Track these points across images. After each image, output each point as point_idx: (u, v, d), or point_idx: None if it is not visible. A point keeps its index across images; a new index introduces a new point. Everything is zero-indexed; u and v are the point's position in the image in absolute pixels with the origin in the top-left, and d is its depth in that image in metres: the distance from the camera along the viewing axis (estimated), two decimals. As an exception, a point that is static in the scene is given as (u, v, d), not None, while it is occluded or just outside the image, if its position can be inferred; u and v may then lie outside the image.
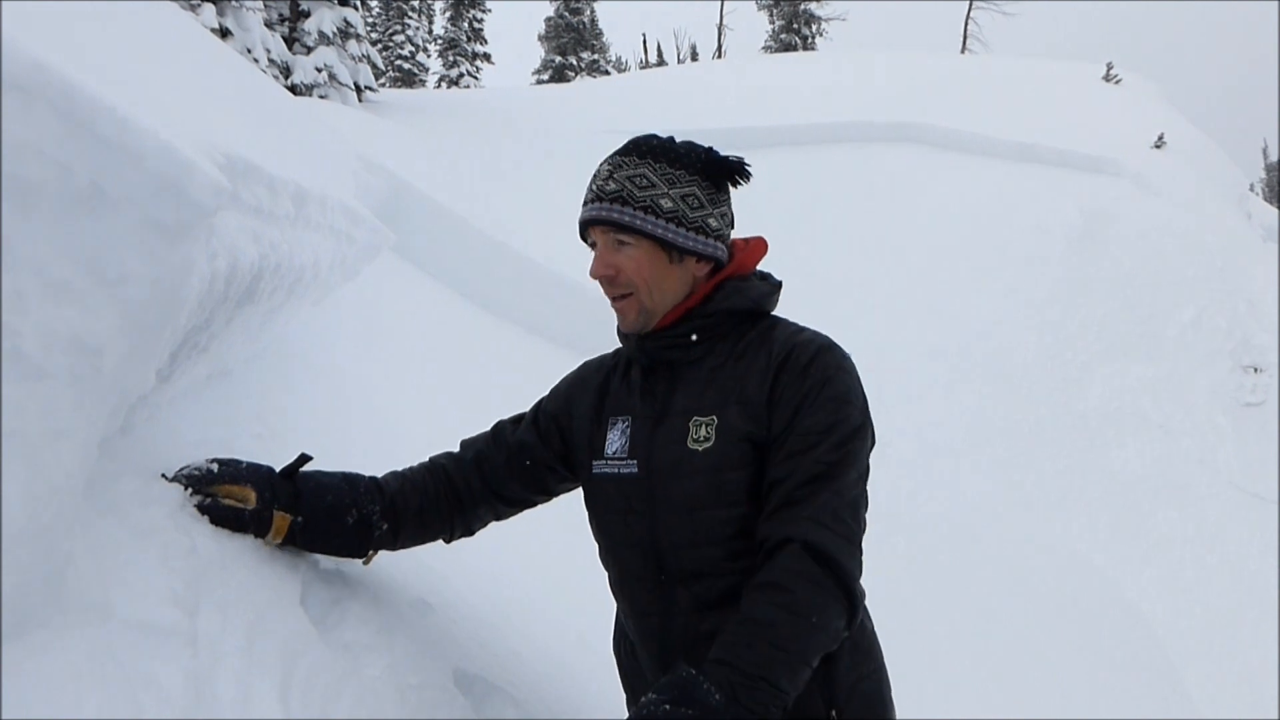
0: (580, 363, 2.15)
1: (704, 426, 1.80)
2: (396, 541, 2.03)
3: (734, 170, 1.91)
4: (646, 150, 1.89)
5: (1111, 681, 7.24)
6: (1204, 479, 11.12)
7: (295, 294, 2.44)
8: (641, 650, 1.91)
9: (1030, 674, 6.61)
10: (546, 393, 2.14)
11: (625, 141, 1.94)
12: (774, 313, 1.98)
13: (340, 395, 3.46)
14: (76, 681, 1.31)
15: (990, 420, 11.13)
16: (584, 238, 1.95)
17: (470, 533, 2.13)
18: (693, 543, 1.79)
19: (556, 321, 8.41)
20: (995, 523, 9.09)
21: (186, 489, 1.77)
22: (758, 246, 1.99)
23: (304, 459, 1.91)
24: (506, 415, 2.17)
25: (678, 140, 1.94)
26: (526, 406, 2.18)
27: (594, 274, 1.88)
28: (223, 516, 1.77)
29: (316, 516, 1.88)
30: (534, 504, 2.14)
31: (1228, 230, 16.58)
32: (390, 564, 2.31)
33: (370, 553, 2.00)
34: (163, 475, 1.77)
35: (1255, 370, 12.54)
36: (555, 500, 2.17)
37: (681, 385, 1.88)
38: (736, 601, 1.68)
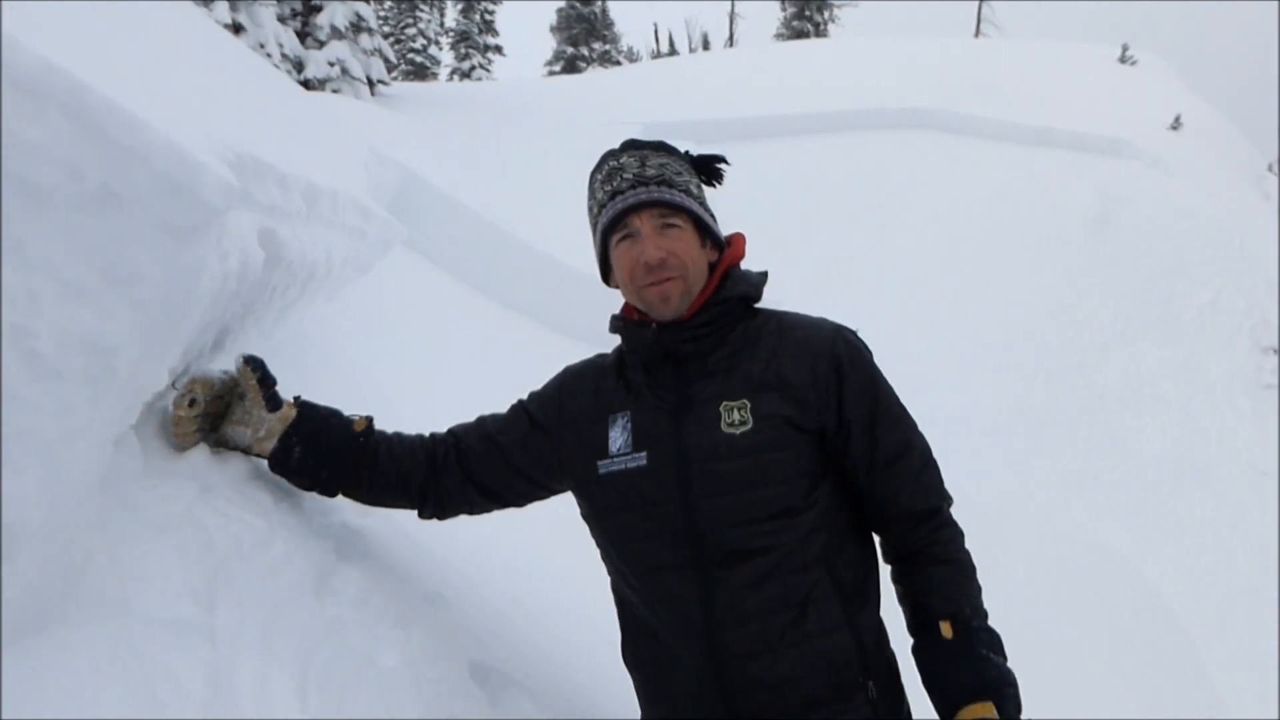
0: (578, 359, 2.15)
1: (736, 410, 1.85)
2: (375, 468, 2.05)
3: (715, 167, 2.03)
4: (655, 146, 1.98)
5: (1133, 664, 7.22)
6: (1223, 460, 11.05)
7: (308, 291, 2.45)
8: (675, 640, 1.90)
9: (1051, 657, 6.60)
10: (527, 398, 2.14)
11: (620, 144, 2.00)
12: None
13: (353, 389, 3.47)
14: (95, 677, 1.32)
15: (1008, 404, 11.10)
16: (610, 233, 1.95)
17: (443, 512, 2.15)
18: (739, 522, 1.82)
19: (567, 313, 8.40)
20: (1014, 506, 9.06)
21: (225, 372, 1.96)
22: (742, 238, 2.06)
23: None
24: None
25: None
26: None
27: (648, 259, 1.87)
28: (262, 369, 1.95)
29: (313, 404, 2.06)
30: (507, 504, 2.16)
31: (1246, 211, 16.47)
32: (405, 557, 2.32)
33: (361, 421, 2.07)
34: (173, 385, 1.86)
35: (1274, 351, 12.44)
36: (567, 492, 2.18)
37: (694, 374, 1.92)
38: (782, 574, 1.82)
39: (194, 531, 1.70)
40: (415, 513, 2.15)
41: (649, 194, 1.89)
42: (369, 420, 2.10)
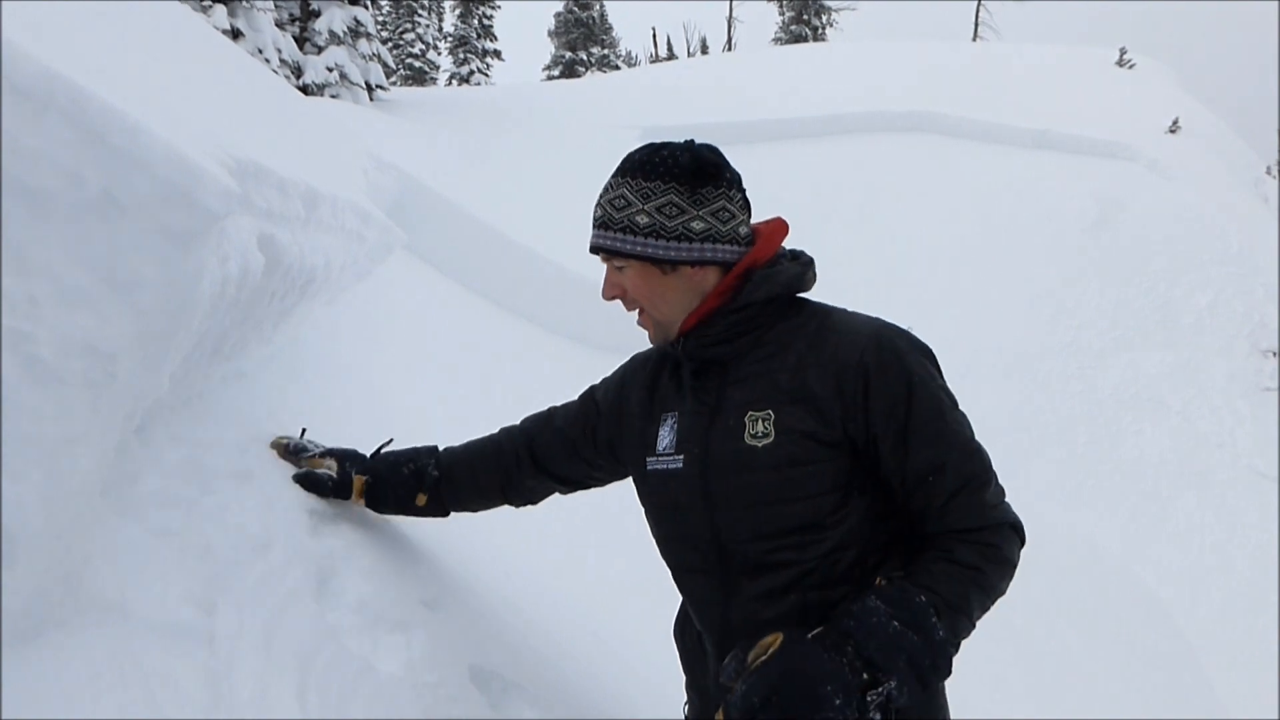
0: (597, 356, 2.19)
1: (760, 421, 1.80)
2: (455, 492, 2.26)
3: (709, 169, 1.87)
4: (627, 168, 1.88)
5: (1132, 670, 7.21)
6: (1223, 464, 11.03)
7: (307, 295, 2.46)
8: (705, 637, 1.96)
9: (1050, 663, 6.60)
10: (599, 383, 2.19)
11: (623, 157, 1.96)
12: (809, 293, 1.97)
13: (354, 393, 3.47)
14: (95, 681, 1.32)
15: (1006, 408, 11.08)
16: None
17: (532, 500, 2.30)
18: (757, 536, 1.80)
19: (567, 317, 8.41)
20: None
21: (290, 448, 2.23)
22: (777, 229, 1.97)
23: (389, 442, 2.35)
24: (517, 412, 2.28)
25: (674, 143, 1.90)
26: (537, 403, 2.24)
27: (604, 297, 1.97)
28: (313, 483, 2.18)
29: (380, 473, 2.25)
30: (589, 487, 2.27)
31: (1244, 214, 16.44)
32: (404, 562, 2.32)
33: (423, 495, 2.26)
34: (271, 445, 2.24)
35: (1273, 354, 12.44)
36: (568, 494, 2.22)
37: (733, 380, 1.87)
38: (803, 589, 1.78)
39: (193, 537, 1.70)
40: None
41: (594, 239, 1.90)
42: (434, 484, 2.25)
